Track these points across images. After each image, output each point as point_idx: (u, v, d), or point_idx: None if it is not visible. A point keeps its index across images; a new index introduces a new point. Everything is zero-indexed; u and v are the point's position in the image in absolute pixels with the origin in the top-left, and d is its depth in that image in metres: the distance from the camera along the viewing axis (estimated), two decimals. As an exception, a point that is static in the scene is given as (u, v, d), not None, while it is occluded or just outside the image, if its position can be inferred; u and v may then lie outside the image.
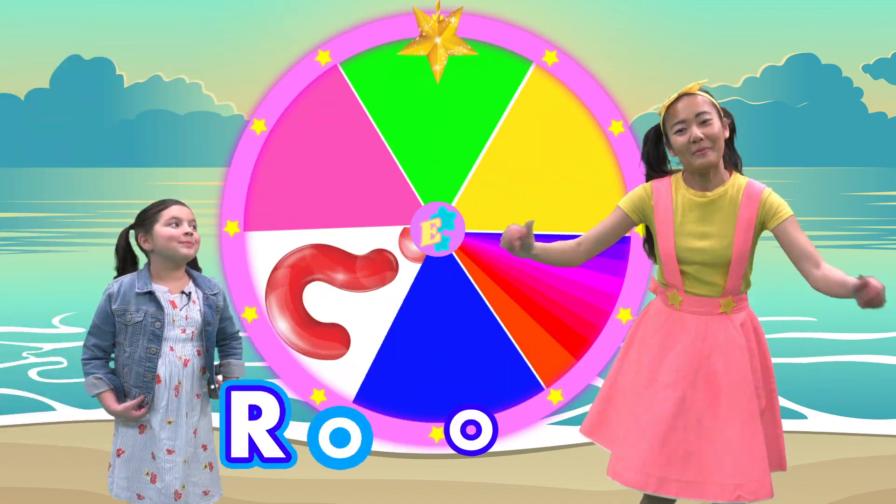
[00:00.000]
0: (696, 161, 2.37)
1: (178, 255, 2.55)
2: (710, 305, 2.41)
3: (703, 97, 2.40)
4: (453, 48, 3.69)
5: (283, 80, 3.85)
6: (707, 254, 2.38)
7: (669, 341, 2.42)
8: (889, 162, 4.66)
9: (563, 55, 3.86)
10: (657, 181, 2.49)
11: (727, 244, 2.37)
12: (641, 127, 3.98)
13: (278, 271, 3.89)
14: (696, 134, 2.36)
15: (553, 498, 3.50)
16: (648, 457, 2.33)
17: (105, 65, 4.51)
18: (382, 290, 3.90)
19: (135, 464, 2.52)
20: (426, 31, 3.56)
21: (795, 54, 4.44)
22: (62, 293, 4.42)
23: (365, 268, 3.89)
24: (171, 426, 2.53)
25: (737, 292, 2.41)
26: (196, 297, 2.59)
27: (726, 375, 2.36)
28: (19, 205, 4.95)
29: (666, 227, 2.43)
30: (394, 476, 3.70)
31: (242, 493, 3.39)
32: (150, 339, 2.50)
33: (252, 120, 3.84)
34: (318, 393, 3.89)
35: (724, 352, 2.37)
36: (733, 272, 2.39)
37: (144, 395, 2.51)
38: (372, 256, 3.90)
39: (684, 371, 2.37)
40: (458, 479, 3.65)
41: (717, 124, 2.38)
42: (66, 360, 4.59)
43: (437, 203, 3.87)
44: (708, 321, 2.40)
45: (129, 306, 2.51)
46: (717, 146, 2.37)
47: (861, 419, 4.43)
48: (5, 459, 3.84)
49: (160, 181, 4.53)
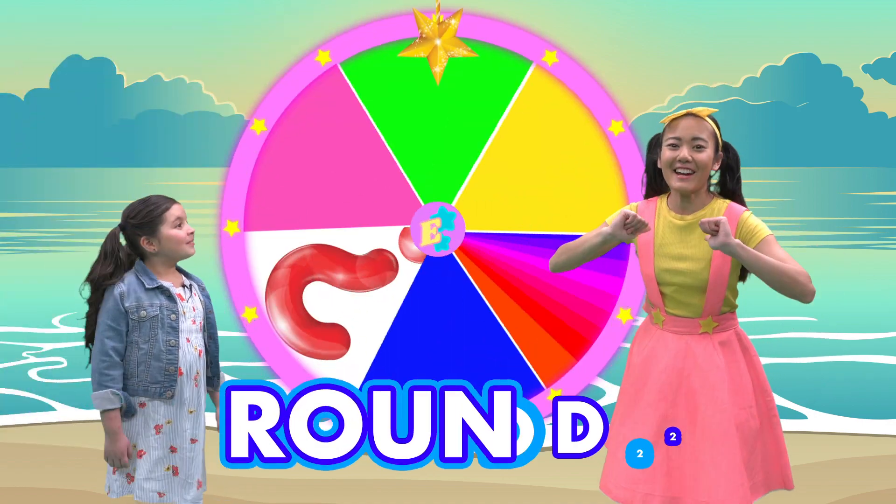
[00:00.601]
0: (675, 181, 2.43)
1: (184, 255, 2.62)
2: (691, 326, 2.46)
3: (706, 124, 2.43)
4: (453, 50, 3.69)
5: (283, 80, 3.85)
6: (684, 275, 2.43)
7: (652, 361, 2.49)
8: (889, 162, 4.68)
9: (562, 55, 3.86)
10: (644, 202, 2.56)
11: (704, 266, 2.41)
12: (641, 127, 3.98)
13: (278, 271, 3.88)
14: (683, 155, 2.40)
15: (553, 498, 3.50)
16: (633, 473, 2.42)
17: (105, 65, 4.53)
18: (382, 290, 3.90)
19: (156, 462, 2.54)
20: (426, 32, 3.56)
21: (795, 54, 4.48)
22: (62, 293, 4.42)
23: (365, 268, 3.89)
24: (193, 415, 2.59)
25: (716, 313, 2.44)
26: (195, 290, 2.67)
27: (702, 395, 2.40)
28: (19, 205, 4.96)
29: (646, 249, 2.49)
30: (393, 476, 3.70)
31: (242, 493, 3.39)
32: (168, 333, 2.53)
33: (252, 120, 3.84)
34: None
35: (702, 371, 2.42)
36: (711, 293, 2.42)
37: (168, 389, 2.53)
38: (372, 256, 3.89)
39: (665, 391, 2.44)
40: (458, 479, 3.65)
41: (709, 153, 2.41)
42: (66, 360, 4.59)
43: (438, 203, 3.87)
44: (688, 341, 2.45)
45: (143, 302, 2.52)
46: (701, 174, 2.41)
47: (861, 419, 4.43)
48: (5, 459, 3.84)
49: (160, 181, 4.54)
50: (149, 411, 2.54)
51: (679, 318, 2.47)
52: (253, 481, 3.48)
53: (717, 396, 2.39)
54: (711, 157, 2.42)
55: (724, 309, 2.46)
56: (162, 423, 2.54)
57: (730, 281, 2.44)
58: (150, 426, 2.53)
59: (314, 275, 3.90)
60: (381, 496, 3.50)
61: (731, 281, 2.44)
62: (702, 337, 2.44)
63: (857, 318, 6.52)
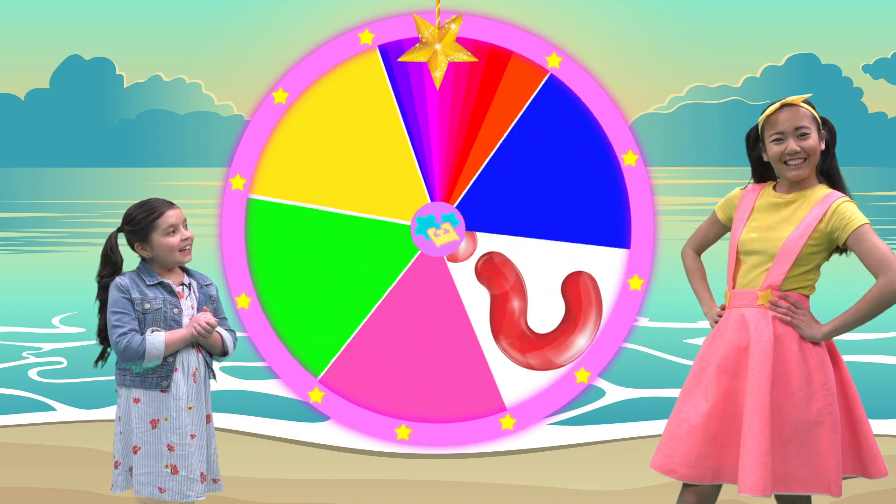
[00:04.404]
0: (789, 173, 2.44)
1: (177, 263, 2.62)
2: (750, 298, 2.45)
3: (804, 110, 2.44)
4: (453, 54, 3.69)
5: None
6: (760, 242, 2.44)
7: (716, 339, 2.49)
8: (889, 162, 4.66)
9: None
10: (751, 186, 2.59)
11: (780, 237, 2.41)
12: (642, 127, 3.98)
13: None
14: (792, 147, 2.42)
15: (553, 498, 3.50)
16: (701, 450, 2.38)
17: (105, 65, 4.51)
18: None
19: (154, 458, 2.54)
20: (426, 37, 3.56)
21: (795, 54, 4.44)
22: (62, 293, 4.42)
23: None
24: (192, 411, 2.58)
25: (777, 287, 2.42)
26: (193, 288, 2.66)
27: (751, 367, 2.39)
28: (19, 205, 4.95)
29: (739, 224, 2.52)
30: (392, 476, 3.70)
31: (243, 493, 3.39)
32: (168, 326, 2.55)
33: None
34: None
35: (755, 342, 2.40)
36: (776, 264, 2.41)
37: (164, 379, 2.54)
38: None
39: (725, 365, 2.43)
40: (458, 480, 3.65)
41: (815, 137, 2.43)
42: (67, 360, 4.59)
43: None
44: (745, 313, 2.45)
45: (146, 295, 2.55)
46: (812, 160, 2.44)
47: (861, 419, 4.41)
48: (5, 459, 3.84)
49: (160, 181, 4.53)
50: (144, 406, 2.54)
51: (743, 290, 2.47)
52: (254, 481, 3.49)
53: (756, 371, 2.37)
54: (817, 139, 2.44)
55: (787, 286, 2.42)
56: (159, 419, 2.54)
57: (801, 257, 2.40)
58: (146, 421, 2.54)
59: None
60: (380, 496, 3.50)
61: (802, 258, 2.41)
62: (759, 309, 2.43)
63: (857, 318, 6.48)
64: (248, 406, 4.08)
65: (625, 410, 4.07)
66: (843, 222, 2.37)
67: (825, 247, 2.42)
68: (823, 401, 2.38)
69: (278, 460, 3.83)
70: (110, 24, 4.43)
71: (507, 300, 3.87)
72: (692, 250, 2.73)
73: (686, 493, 2.44)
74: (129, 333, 2.50)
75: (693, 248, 2.73)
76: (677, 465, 2.41)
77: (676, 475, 2.41)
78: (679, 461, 2.40)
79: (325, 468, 3.77)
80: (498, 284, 3.87)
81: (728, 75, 4.40)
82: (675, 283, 3.93)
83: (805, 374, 2.38)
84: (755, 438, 2.32)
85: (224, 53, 4.35)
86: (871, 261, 2.35)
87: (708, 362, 2.47)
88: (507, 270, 3.87)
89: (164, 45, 4.39)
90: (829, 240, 2.41)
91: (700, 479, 2.39)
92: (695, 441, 2.39)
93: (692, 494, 2.43)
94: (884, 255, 2.33)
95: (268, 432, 4.02)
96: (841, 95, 4.46)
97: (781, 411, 2.36)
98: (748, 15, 4.39)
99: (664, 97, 4.34)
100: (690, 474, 2.39)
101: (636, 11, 4.27)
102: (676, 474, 2.41)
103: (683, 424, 2.42)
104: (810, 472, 2.38)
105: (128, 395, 2.56)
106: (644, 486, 3.42)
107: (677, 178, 4.39)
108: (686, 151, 4.38)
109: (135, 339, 2.49)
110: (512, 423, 3.85)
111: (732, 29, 4.37)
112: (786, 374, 2.38)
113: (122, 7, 4.41)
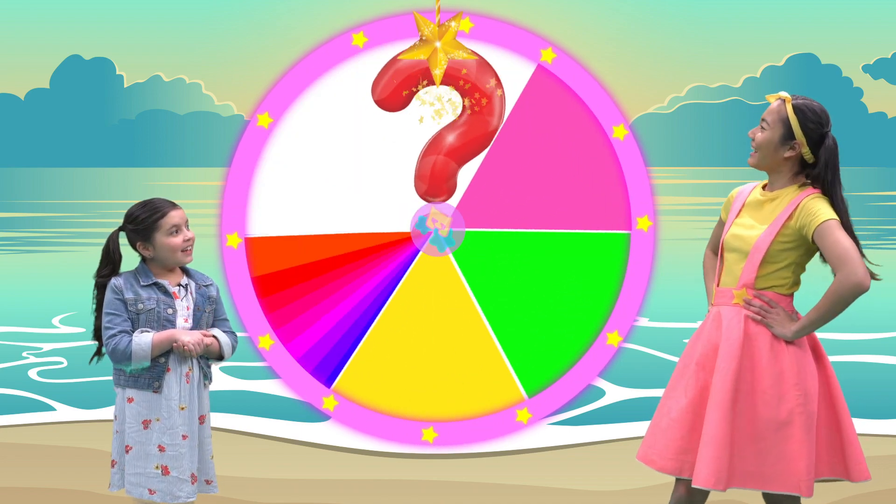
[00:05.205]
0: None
1: (179, 263, 2.61)
2: (727, 296, 2.48)
3: (777, 105, 2.45)
4: (453, 52, 3.69)
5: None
6: (738, 240, 2.47)
7: (699, 336, 2.53)
8: (889, 162, 4.66)
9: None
10: (748, 185, 2.61)
11: (755, 235, 2.43)
12: (642, 127, 3.98)
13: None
14: (750, 132, 2.49)
15: (553, 498, 3.50)
16: (681, 444, 2.41)
17: (105, 65, 4.51)
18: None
19: (144, 459, 2.54)
20: (426, 35, 3.57)
21: (795, 54, 4.44)
22: (62, 293, 4.42)
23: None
24: (184, 412, 2.57)
25: (751, 285, 2.44)
26: (191, 289, 2.65)
27: (717, 364, 2.42)
28: (19, 205, 4.94)
29: (729, 223, 2.55)
30: (391, 476, 3.70)
31: (243, 493, 3.39)
32: (162, 326, 2.55)
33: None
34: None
35: (724, 339, 2.43)
36: (748, 262, 2.43)
37: (156, 380, 2.53)
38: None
39: (703, 361, 2.46)
40: (458, 480, 3.65)
41: (769, 136, 2.43)
42: (66, 360, 4.59)
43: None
44: (722, 311, 2.48)
45: (140, 296, 2.55)
46: (761, 154, 2.46)
47: (861, 419, 4.42)
48: (5, 459, 3.84)
49: (160, 181, 4.53)
50: (137, 406, 2.54)
51: (723, 288, 2.50)
52: (253, 481, 3.49)
53: (719, 367, 2.40)
54: (773, 140, 2.43)
55: (762, 285, 2.44)
56: (150, 419, 2.54)
57: (771, 254, 2.41)
58: (137, 421, 2.54)
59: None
60: (379, 496, 3.50)
61: (772, 255, 2.42)
62: (733, 307, 2.46)
63: (857, 318, 6.50)
64: (248, 406, 4.08)
65: (625, 410, 4.08)
66: (809, 218, 2.37)
67: (797, 244, 2.42)
68: (795, 400, 2.38)
69: (278, 460, 3.83)
70: (110, 24, 4.43)
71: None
72: (710, 251, 2.74)
73: (678, 487, 2.48)
74: (117, 336, 2.51)
75: (710, 249, 2.74)
76: (656, 456, 2.45)
77: (656, 466, 2.45)
78: (658, 453, 2.45)
79: (325, 468, 3.77)
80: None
81: (728, 75, 4.40)
82: (675, 283, 3.94)
83: (776, 374, 2.39)
84: (710, 433, 2.36)
85: (224, 53, 4.35)
86: (831, 257, 2.35)
87: (691, 358, 2.50)
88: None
89: (164, 45, 4.39)
90: (800, 236, 2.40)
91: (678, 472, 2.42)
92: (674, 435, 2.43)
93: (683, 487, 2.46)
94: (843, 252, 2.31)
95: (267, 432, 4.02)
96: (841, 95, 4.46)
97: (750, 409, 2.39)
98: (748, 15, 4.39)
99: (664, 97, 4.34)
100: (668, 466, 2.43)
101: (636, 11, 4.27)
102: (656, 465, 2.45)
103: (664, 418, 2.47)
104: (781, 470, 2.39)
105: (123, 395, 2.57)
106: (644, 486, 3.42)
107: (677, 178, 4.39)
108: (686, 151, 4.38)
109: (122, 341, 2.50)
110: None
111: (732, 29, 4.37)
112: (755, 372, 2.40)
113: (122, 7, 4.41)
